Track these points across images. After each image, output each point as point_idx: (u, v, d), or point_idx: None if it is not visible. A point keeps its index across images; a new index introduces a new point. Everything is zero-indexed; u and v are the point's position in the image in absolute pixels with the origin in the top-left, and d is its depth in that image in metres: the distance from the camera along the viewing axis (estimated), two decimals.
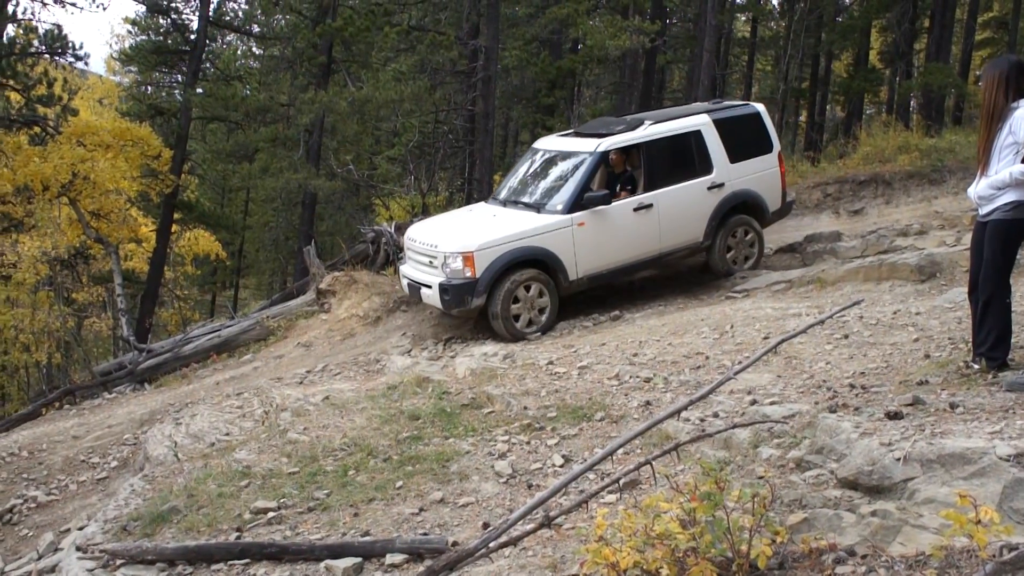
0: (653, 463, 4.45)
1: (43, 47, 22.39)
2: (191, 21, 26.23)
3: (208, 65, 26.88)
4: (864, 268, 10.47)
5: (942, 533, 3.66)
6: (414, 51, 21.82)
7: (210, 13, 24.98)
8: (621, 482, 4.52)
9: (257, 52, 34.42)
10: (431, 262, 10.67)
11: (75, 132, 20.99)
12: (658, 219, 11.11)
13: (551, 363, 8.32)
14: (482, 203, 12.58)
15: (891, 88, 30.36)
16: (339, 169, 22.75)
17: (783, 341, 6.12)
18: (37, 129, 22.59)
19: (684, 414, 5.87)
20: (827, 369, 6.77)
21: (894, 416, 4.90)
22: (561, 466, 5.95)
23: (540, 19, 22.31)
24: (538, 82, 24.49)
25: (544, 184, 11.53)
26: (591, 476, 5.51)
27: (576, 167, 11.07)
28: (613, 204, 10.83)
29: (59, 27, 22.34)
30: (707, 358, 7.66)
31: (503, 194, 11.90)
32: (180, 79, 29.08)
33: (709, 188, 11.43)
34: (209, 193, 33.98)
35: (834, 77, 31.99)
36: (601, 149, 11.03)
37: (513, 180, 12.18)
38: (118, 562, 5.48)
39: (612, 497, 5.18)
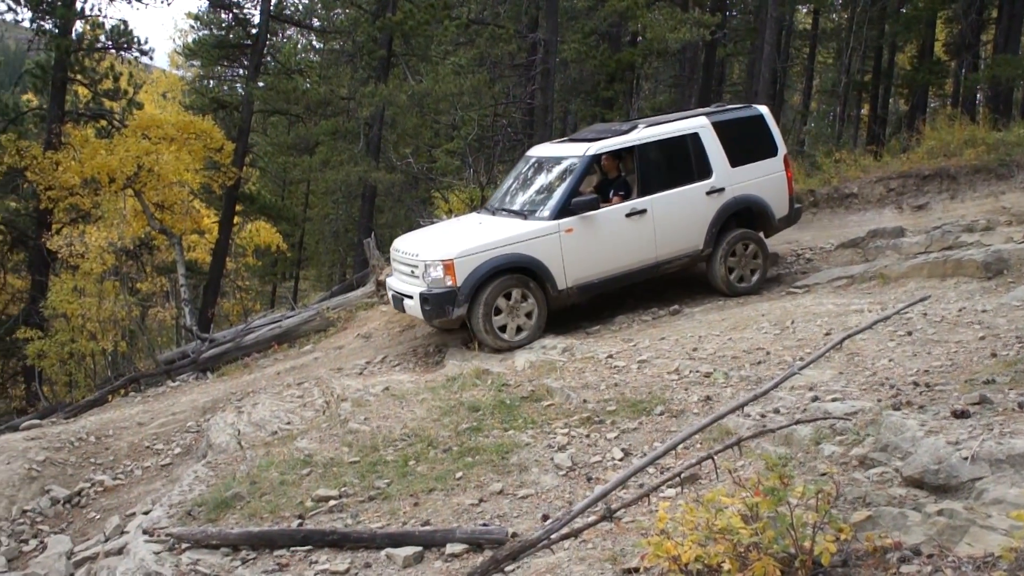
0: (715, 458, 4.44)
1: (110, 43, 22.79)
2: (253, 15, 26.54)
3: (269, 59, 27.13)
4: (928, 264, 10.31)
5: (1012, 535, 3.61)
6: (473, 44, 21.92)
7: (271, 7, 25.20)
8: (682, 476, 4.52)
9: (318, 46, 34.69)
10: (412, 272, 10.33)
11: (140, 125, 21.38)
12: (653, 225, 10.69)
13: (610, 357, 8.31)
14: (473, 213, 12.34)
15: (956, 81, 29.74)
16: (399, 162, 22.91)
17: (848, 337, 6.07)
18: (104, 123, 23.07)
19: (745, 409, 5.84)
20: (890, 366, 6.68)
21: (961, 415, 4.83)
22: (620, 460, 5.95)
23: (599, 12, 22.24)
24: (597, 75, 24.39)
25: (533, 191, 11.21)
26: (651, 470, 5.51)
27: (565, 172, 10.74)
28: (603, 210, 10.46)
29: (125, 23, 22.78)
30: (768, 353, 7.60)
31: (494, 203, 11.62)
32: (242, 73, 29.41)
33: (708, 193, 11.00)
34: (270, 185, 34.33)
35: (897, 70, 31.43)
36: (590, 153, 10.69)
37: (504, 188, 11.88)
38: (183, 546, 5.60)
39: (672, 491, 5.18)
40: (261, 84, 24.52)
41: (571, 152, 10.95)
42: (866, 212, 14.85)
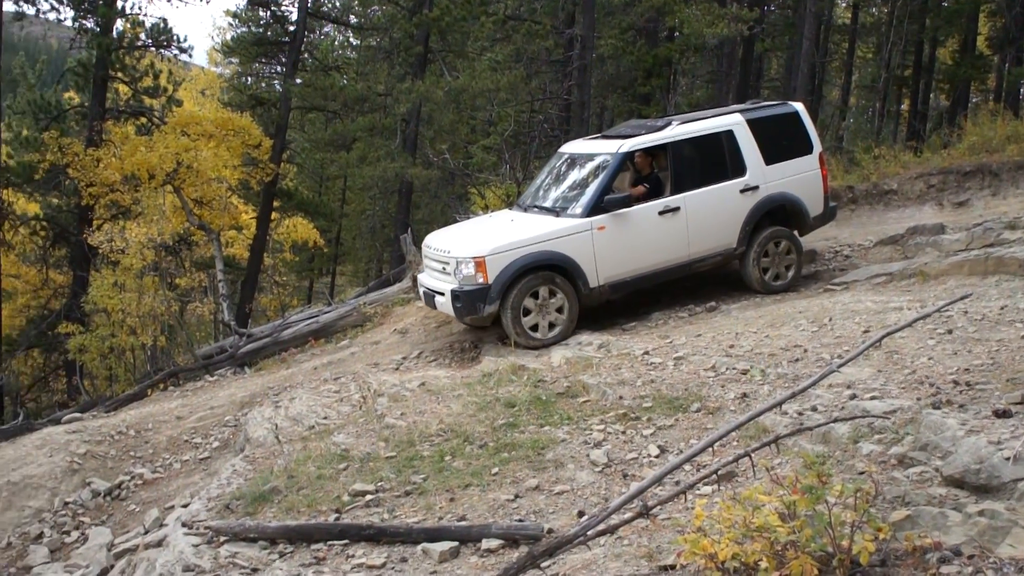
0: (752, 455, 4.42)
1: (150, 41, 23.05)
2: (290, 13, 26.67)
3: (307, 56, 27.27)
4: (969, 262, 10.17)
5: None
6: (510, 40, 21.92)
7: (309, 5, 25.34)
8: (718, 474, 4.50)
9: (355, 42, 34.85)
10: (444, 268, 10.31)
11: (179, 122, 21.58)
12: (686, 223, 10.57)
13: (647, 353, 8.29)
14: (506, 209, 12.20)
15: (999, 75, 29.32)
16: (435, 158, 22.96)
17: (887, 335, 6.01)
18: (143, 120, 23.33)
19: (782, 407, 5.80)
20: (930, 365, 6.61)
21: (1002, 414, 4.78)
22: (657, 456, 5.94)
23: (636, 7, 22.17)
24: (634, 71, 24.31)
25: (565, 188, 11.12)
26: (687, 467, 5.49)
27: (597, 170, 10.65)
28: (636, 207, 10.34)
29: (164, 21, 23.01)
30: (805, 351, 7.55)
31: (526, 200, 11.56)
32: (280, 70, 29.61)
33: (742, 191, 10.83)
34: (307, 181, 34.52)
35: (939, 64, 31.05)
36: (624, 150, 10.58)
37: (536, 185, 11.83)
38: (222, 539, 5.65)
39: (708, 489, 5.15)
40: (299, 81, 24.67)
41: (604, 149, 10.87)
42: (906, 209, 14.70)
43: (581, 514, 5.21)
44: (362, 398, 8.87)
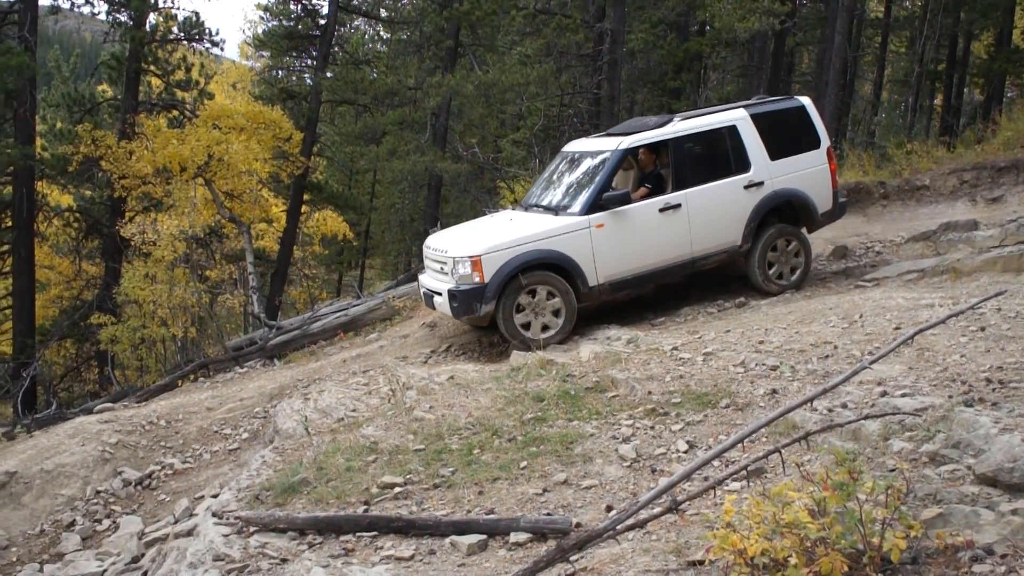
0: (782, 451, 4.40)
1: (182, 34, 23.23)
2: (321, 6, 26.74)
3: (337, 49, 27.36)
4: (1003, 258, 10.07)
5: None
6: (540, 34, 21.87)
7: None
8: (748, 469, 4.49)
9: (385, 36, 34.92)
10: (442, 268, 10.28)
11: (211, 115, 21.70)
12: (688, 220, 10.43)
13: (675, 349, 8.26)
14: (507, 209, 12.06)
15: None
16: (465, 152, 23.00)
17: (919, 332, 5.96)
18: (175, 113, 23.51)
19: (812, 404, 5.78)
20: (961, 362, 6.55)
21: None
22: (685, 452, 5.93)
23: (667, 1, 22.08)
24: (664, 65, 24.23)
25: (565, 186, 11.00)
26: (715, 463, 5.49)
27: (597, 167, 10.53)
28: (636, 205, 10.25)
29: (197, 14, 23.17)
30: (835, 347, 7.50)
31: (528, 199, 11.48)
32: (310, 63, 29.69)
33: (746, 187, 10.69)
34: (337, 175, 34.64)
35: (973, 58, 30.69)
36: (623, 147, 10.47)
37: (538, 184, 11.73)
38: (251, 529, 5.70)
39: (737, 485, 5.14)
40: (329, 74, 24.75)
41: (604, 147, 10.76)
42: (938, 205, 14.56)
43: (609, 508, 5.22)
44: (391, 391, 8.90)
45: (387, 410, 8.10)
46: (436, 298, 10.33)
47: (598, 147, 10.93)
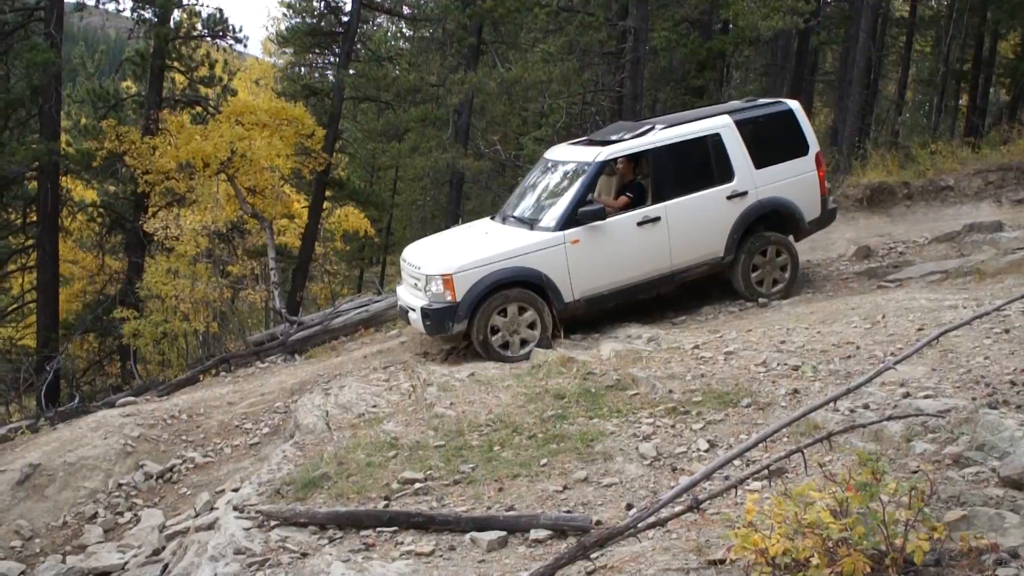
0: (804, 451, 4.38)
1: (205, 31, 23.30)
2: (344, 3, 26.76)
3: (360, 46, 27.41)
4: None
5: None
6: (563, 32, 21.85)
7: None
8: (769, 469, 4.47)
9: (408, 33, 34.93)
10: (416, 284, 10.10)
11: (234, 112, 21.77)
12: (668, 233, 10.14)
13: (697, 347, 8.24)
14: (486, 219, 11.79)
15: None
16: (487, 149, 22.99)
17: (944, 333, 5.91)
18: (199, 109, 23.62)
19: (833, 404, 5.76)
20: (985, 364, 6.50)
21: None
22: (706, 451, 5.92)
23: None
24: (687, 63, 24.15)
25: (542, 198, 10.76)
26: (736, 462, 5.47)
27: (573, 179, 10.29)
28: (613, 219, 9.99)
29: (220, 11, 23.23)
30: (858, 348, 7.46)
31: (506, 209, 11.16)
32: (333, 60, 29.76)
33: (729, 197, 10.38)
34: (359, 171, 34.68)
35: (999, 58, 30.43)
36: (600, 159, 10.19)
37: (517, 193, 11.46)
38: (272, 523, 5.72)
39: (758, 484, 5.13)
40: (352, 71, 24.78)
41: (582, 157, 10.50)
42: (962, 206, 14.47)
43: (629, 507, 5.21)
44: (411, 387, 8.91)
45: (407, 406, 8.12)
46: (411, 314, 10.19)
47: (576, 157, 10.68)
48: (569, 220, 9.89)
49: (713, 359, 7.81)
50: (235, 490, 7.46)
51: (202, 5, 24.61)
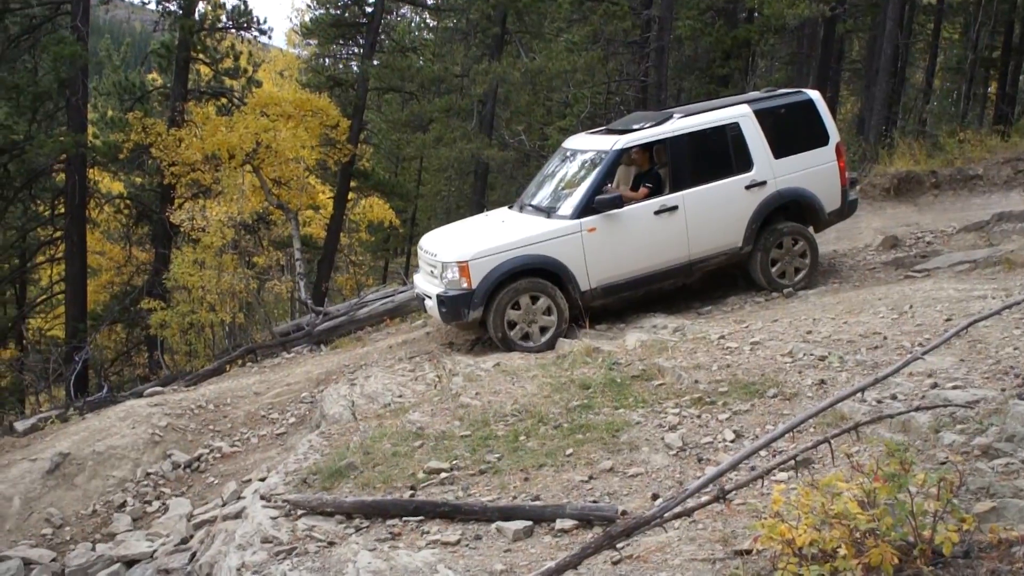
0: (831, 442, 4.36)
1: (230, 23, 23.41)
2: None
3: (384, 37, 27.45)
4: None
5: None
6: (587, 21, 21.77)
7: None
8: (796, 460, 4.46)
9: (431, 24, 34.96)
10: (432, 272, 10.10)
11: (259, 103, 21.84)
12: (685, 223, 10.13)
13: (722, 338, 8.21)
14: (504, 208, 11.82)
15: None
16: (511, 139, 22.97)
17: (973, 323, 5.87)
18: (224, 100, 23.72)
19: (860, 394, 5.72)
20: (1015, 355, 6.42)
21: None
22: (732, 441, 5.90)
23: None
24: (712, 52, 23.99)
25: (560, 187, 10.76)
26: (762, 453, 5.45)
27: (591, 168, 10.28)
28: (630, 208, 9.98)
29: (245, 3, 23.36)
30: (885, 338, 7.40)
31: (524, 198, 11.18)
32: (357, 51, 29.82)
33: (748, 187, 10.35)
34: (384, 162, 34.73)
35: None
36: (617, 147, 10.17)
37: (534, 183, 11.49)
38: (299, 512, 5.75)
39: (784, 475, 5.11)
40: (376, 62, 24.82)
41: (599, 146, 10.50)
42: (991, 195, 14.32)
43: (655, 497, 5.21)
44: (437, 377, 8.94)
45: (433, 396, 8.15)
46: (427, 301, 10.21)
47: (594, 145, 10.66)
48: (586, 208, 9.90)
49: (739, 349, 7.78)
50: (262, 479, 7.52)
51: None
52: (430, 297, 10.02)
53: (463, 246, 9.96)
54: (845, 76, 32.49)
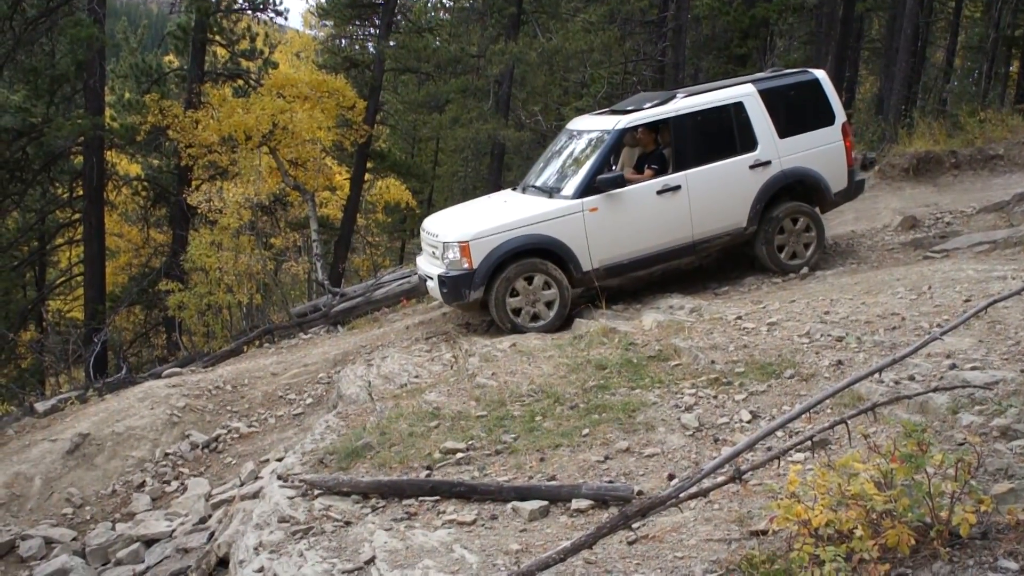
0: (848, 423, 4.34)
1: (246, 4, 23.41)
2: None
3: (400, 18, 27.35)
4: None
5: None
6: (604, 1, 21.68)
7: None
8: (813, 440, 4.44)
9: (448, 4, 34.82)
10: (434, 252, 10.10)
11: (275, 84, 21.88)
12: (688, 203, 10.07)
13: (739, 318, 8.18)
14: (508, 190, 11.80)
15: None
16: (527, 120, 22.91)
17: (992, 303, 5.82)
18: (240, 82, 23.76)
19: (878, 375, 5.69)
20: None
21: None
22: (748, 422, 5.88)
23: None
24: (730, 31, 23.86)
25: (562, 167, 10.68)
26: (779, 433, 5.43)
27: (594, 147, 10.22)
28: (632, 187, 9.93)
29: None
30: (903, 319, 7.36)
31: (527, 180, 11.13)
32: (373, 32, 29.73)
33: (752, 167, 10.28)
34: (400, 143, 34.72)
35: None
36: (620, 127, 10.11)
37: (538, 164, 11.42)
38: (316, 492, 5.77)
39: (800, 456, 5.10)
40: (392, 43, 24.79)
41: (601, 126, 10.45)
42: (1012, 175, 14.20)
43: (671, 477, 5.20)
44: (453, 358, 8.95)
45: (450, 376, 8.16)
46: (429, 282, 10.22)
47: (597, 126, 10.61)
48: (588, 188, 9.87)
49: (756, 330, 7.75)
50: (279, 459, 7.56)
51: None
52: (432, 278, 10.03)
53: (464, 226, 9.95)
54: (864, 55, 32.27)
